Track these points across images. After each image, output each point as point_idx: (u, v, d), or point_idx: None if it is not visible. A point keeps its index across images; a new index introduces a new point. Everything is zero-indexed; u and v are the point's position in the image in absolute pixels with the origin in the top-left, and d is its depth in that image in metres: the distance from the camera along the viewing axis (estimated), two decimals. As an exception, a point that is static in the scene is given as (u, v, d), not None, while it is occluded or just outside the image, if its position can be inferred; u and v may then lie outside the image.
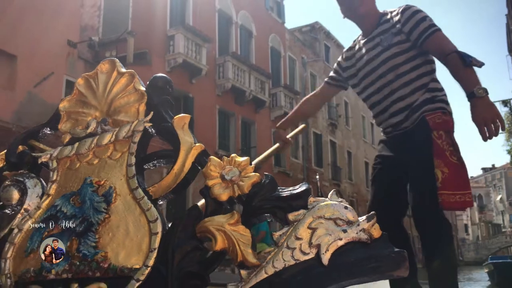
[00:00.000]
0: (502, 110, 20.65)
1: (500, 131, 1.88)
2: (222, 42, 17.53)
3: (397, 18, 2.19)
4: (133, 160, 1.23)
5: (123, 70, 1.34)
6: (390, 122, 2.22)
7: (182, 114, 1.27)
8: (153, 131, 1.28)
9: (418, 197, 2.07)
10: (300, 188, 1.10)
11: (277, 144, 2.47)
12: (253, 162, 2.24)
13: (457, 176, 1.93)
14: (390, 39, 2.19)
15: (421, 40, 2.10)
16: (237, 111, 17.73)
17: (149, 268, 1.10)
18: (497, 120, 1.88)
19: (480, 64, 1.95)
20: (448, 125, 2.02)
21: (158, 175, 1.40)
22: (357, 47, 2.39)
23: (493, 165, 71.59)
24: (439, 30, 2.10)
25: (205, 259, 1.11)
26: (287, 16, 26.96)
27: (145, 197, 1.18)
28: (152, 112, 1.27)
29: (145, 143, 1.27)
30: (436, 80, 2.18)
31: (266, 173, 1.15)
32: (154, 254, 1.11)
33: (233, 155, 1.19)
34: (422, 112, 2.09)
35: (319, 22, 26.01)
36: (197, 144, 1.21)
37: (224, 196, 1.13)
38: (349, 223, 1.01)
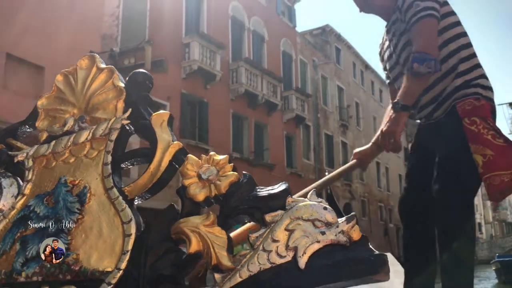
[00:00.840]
0: (509, 113, 19.73)
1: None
2: (235, 48, 17.55)
3: (401, 3, 1.97)
4: (109, 158, 1.15)
5: (103, 66, 1.26)
6: (421, 115, 2.03)
7: (161, 111, 1.19)
8: (132, 128, 1.19)
9: (442, 193, 1.87)
10: (279, 188, 1.01)
11: (354, 161, 2.25)
12: (324, 178, 2.12)
13: (509, 155, 1.71)
14: (401, 28, 2.00)
15: (409, 31, 1.90)
16: (250, 114, 17.72)
17: (121, 271, 1.03)
18: (392, 139, 1.76)
19: (425, 71, 1.74)
20: (482, 110, 1.78)
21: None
22: (384, 37, 2.22)
23: None
24: (422, 18, 1.83)
25: (179, 262, 1.02)
26: (297, 19, 26.92)
27: (120, 197, 1.10)
28: (130, 109, 1.18)
29: (123, 141, 1.19)
30: (466, 59, 1.90)
31: (245, 172, 1.06)
32: (127, 256, 1.03)
33: (211, 153, 1.10)
34: (453, 100, 1.87)
35: (330, 25, 25.79)
36: (175, 142, 1.13)
37: (200, 196, 1.05)
38: (328, 224, 0.91)
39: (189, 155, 1.11)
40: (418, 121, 2.14)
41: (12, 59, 10.18)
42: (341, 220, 0.91)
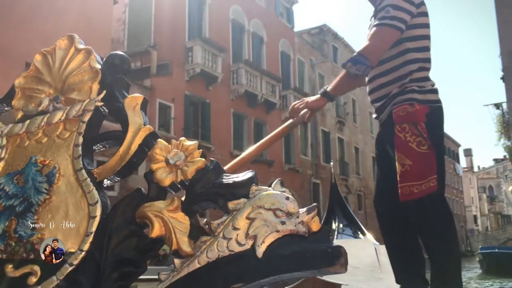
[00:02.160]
0: (495, 113, 19.54)
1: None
2: (236, 50, 17.53)
3: (379, 1, 1.91)
4: (81, 140, 1.10)
5: (81, 46, 1.20)
6: (374, 107, 2.02)
7: (135, 94, 1.12)
8: (106, 110, 1.13)
9: (386, 193, 1.92)
10: (245, 176, 0.95)
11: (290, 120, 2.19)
12: (264, 139, 2.01)
13: (424, 165, 1.73)
14: (373, 23, 1.95)
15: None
16: (250, 113, 17.70)
17: (83, 253, 0.98)
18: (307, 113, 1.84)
19: (354, 72, 1.78)
20: (415, 116, 1.76)
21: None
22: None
23: (504, 156, 67.69)
24: (384, 25, 1.79)
25: (142, 246, 0.96)
26: (296, 20, 26.79)
27: (88, 179, 1.05)
28: (104, 91, 1.12)
29: (96, 123, 1.14)
30: (416, 70, 1.86)
31: (212, 159, 1.00)
32: (90, 238, 0.98)
33: (181, 138, 1.05)
34: (392, 105, 1.86)
35: (327, 25, 25.51)
36: (145, 126, 1.06)
37: (166, 181, 0.99)
38: (289, 214, 0.86)
39: (159, 139, 1.05)
40: None
41: (30, 67, 10.04)
42: (302, 210, 0.86)
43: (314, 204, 0.86)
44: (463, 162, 54.67)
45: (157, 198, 0.99)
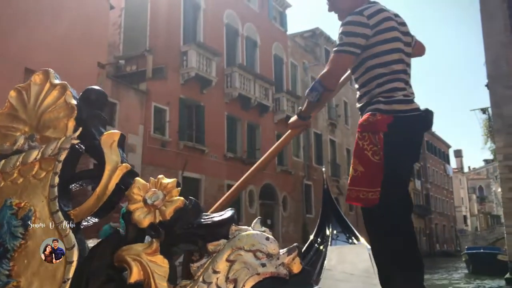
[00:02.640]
0: (481, 117, 19.61)
1: None
2: (230, 53, 17.50)
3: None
4: (57, 180, 1.05)
5: (56, 81, 1.15)
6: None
7: (112, 131, 1.08)
8: (82, 148, 1.08)
9: None
10: (224, 215, 0.91)
11: (289, 131, 2.17)
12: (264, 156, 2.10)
13: (374, 174, 1.77)
14: None
15: None
16: (243, 116, 17.67)
17: (60, 301, 0.91)
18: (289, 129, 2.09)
19: (309, 98, 1.91)
20: (376, 126, 1.80)
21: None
22: None
23: (494, 157, 66.76)
24: (337, 51, 1.87)
25: (121, 291, 0.91)
26: (289, 24, 26.73)
27: (65, 222, 1.00)
28: (80, 128, 1.08)
29: (72, 161, 1.09)
30: (384, 82, 1.87)
31: (191, 197, 0.96)
32: (67, 285, 0.93)
33: (159, 176, 1.00)
34: (362, 115, 1.92)
35: (320, 28, 25.45)
36: (123, 164, 1.02)
37: (145, 222, 0.95)
38: (269, 256, 0.82)
39: (137, 178, 1.01)
40: None
41: (30, 73, 9.90)
42: (282, 251, 0.82)
43: (295, 244, 0.83)
44: (453, 163, 54.63)
45: (135, 241, 0.95)
